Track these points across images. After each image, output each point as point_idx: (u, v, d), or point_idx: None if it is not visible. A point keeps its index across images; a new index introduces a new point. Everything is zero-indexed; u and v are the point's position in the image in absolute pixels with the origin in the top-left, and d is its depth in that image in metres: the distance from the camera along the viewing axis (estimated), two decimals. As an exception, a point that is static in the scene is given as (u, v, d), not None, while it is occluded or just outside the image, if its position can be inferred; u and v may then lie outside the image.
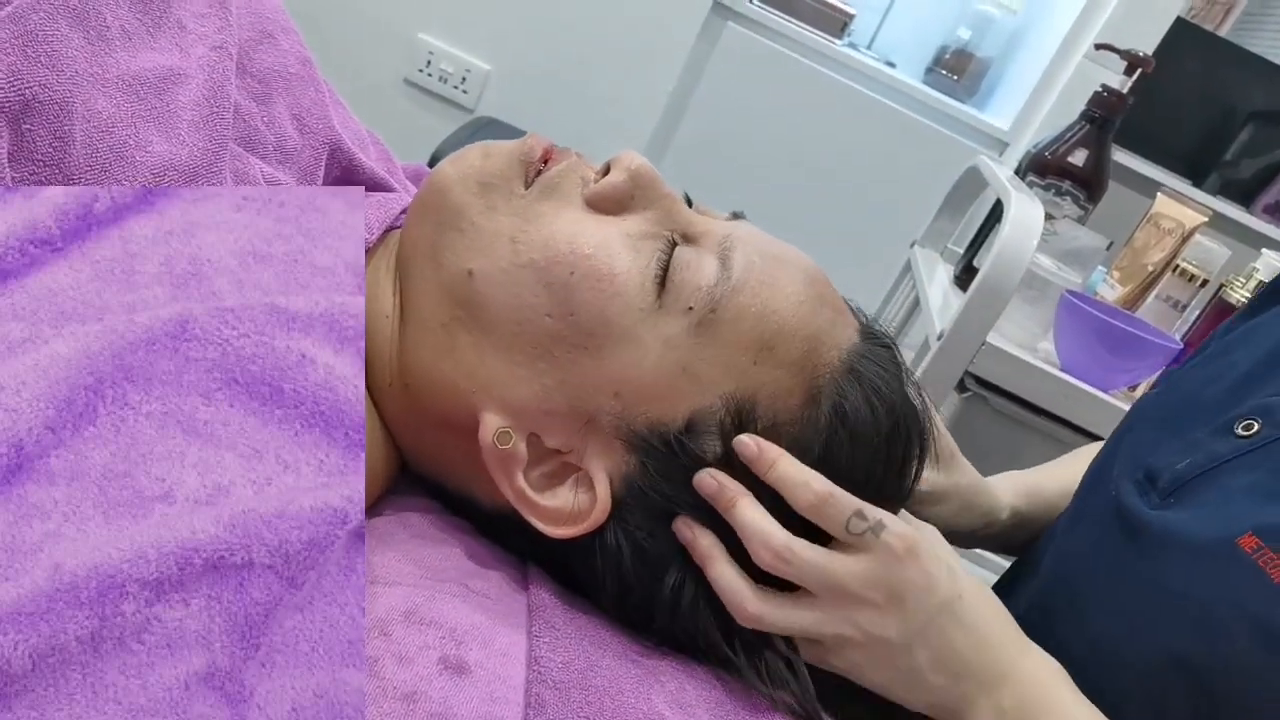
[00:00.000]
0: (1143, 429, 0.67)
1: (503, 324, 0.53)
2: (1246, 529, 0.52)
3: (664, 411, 0.53)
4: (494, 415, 0.53)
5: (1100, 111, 1.44)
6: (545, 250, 0.53)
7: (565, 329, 0.52)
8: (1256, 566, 0.51)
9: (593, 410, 0.53)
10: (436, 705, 0.45)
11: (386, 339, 0.57)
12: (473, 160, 0.57)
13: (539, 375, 0.53)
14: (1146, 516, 0.58)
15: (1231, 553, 0.52)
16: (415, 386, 0.56)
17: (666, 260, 0.54)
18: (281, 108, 0.64)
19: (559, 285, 0.52)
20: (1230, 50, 2.31)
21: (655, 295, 0.53)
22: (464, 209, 0.55)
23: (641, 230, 0.55)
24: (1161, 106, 2.19)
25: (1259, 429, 0.57)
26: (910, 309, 1.76)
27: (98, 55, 0.50)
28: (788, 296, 0.55)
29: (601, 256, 0.53)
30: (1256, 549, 0.51)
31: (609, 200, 0.56)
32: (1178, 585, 0.54)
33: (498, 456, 0.53)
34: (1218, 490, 0.56)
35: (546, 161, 0.57)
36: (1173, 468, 0.59)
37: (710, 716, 0.51)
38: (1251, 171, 2.29)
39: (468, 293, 0.54)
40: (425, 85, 2.38)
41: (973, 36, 2.61)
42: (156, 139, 0.52)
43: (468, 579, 0.54)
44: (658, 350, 0.53)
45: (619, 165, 0.57)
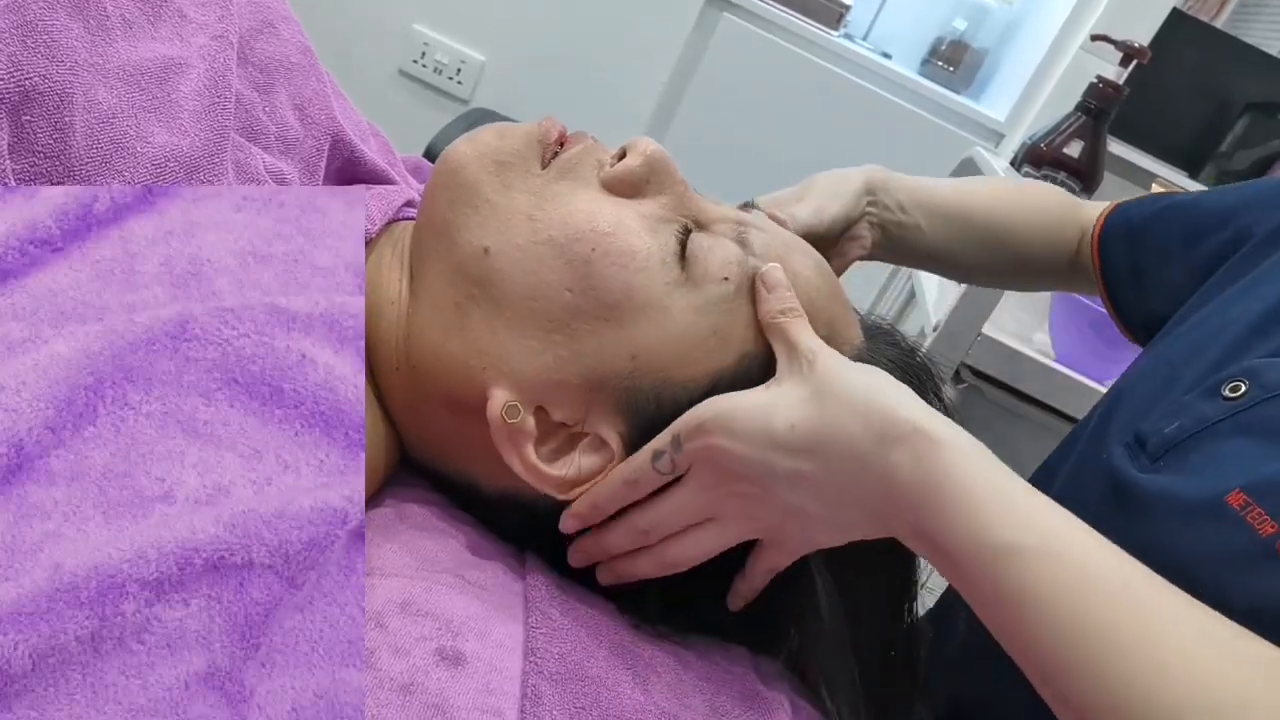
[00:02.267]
0: (1134, 392, 0.67)
1: (518, 300, 0.54)
2: (1234, 487, 0.52)
3: (680, 373, 0.54)
4: (502, 390, 0.54)
5: (1096, 103, 1.44)
6: (565, 228, 0.54)
7: (585, 302, 0.53)
8: (1244, 522, 0.51)
9: (603, 375, 0.54)
10: (433, 696, 0.45)
11: (393, 323, 0.57)
12: (489, 139, 0.57)
13: (553, 347, 0.54)
14: (1136, 480, 0.58)
15: (1220, 510, 0.52)
16: (423, 367, 0.56)
17: (683, 241, 0.55)
18: (283, 97, 0.63)
19: (580, 261, 0.53)
20: (1226, 42, 2.30)
21: (679, 269, 0.54)
22: (479, 186, 0.56)
23: (657, 214, 0.56)
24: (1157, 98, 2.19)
25: (1246, 390, 0.57)
26: (906, 300, 1.76)
27: (98, 45, 0.50)
28: (807, 280, 0.58)
29: (621, 234, 0.54)
30: (1244, 505, 0.52)
31: (625, 183, 0.57)
32: (1167, 545, 0.54)
33: (506, 431, 0.54)
34: (1206, 453, 0.57)
35: (562, 144, 0.58)
36: (1160, 431, 0.59)
37: (706, 707, 0.52)
38: (1247, 163, 2.29)
39: (483, 270, 0.54)
40: (420, 76, 2.37)
41: (968, 28, 2.61)
42: (158, 129, 0.52)
43: (464, 570, 0.54)
44: (689, 317, 0.54)
45: (635, 150, 0.58)
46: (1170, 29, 2.18)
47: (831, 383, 0.50)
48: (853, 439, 0.48)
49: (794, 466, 0.50)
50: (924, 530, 0.47)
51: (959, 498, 0.45)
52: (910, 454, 0.47)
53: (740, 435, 0.51)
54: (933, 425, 0.47)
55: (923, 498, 0.46)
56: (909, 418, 0.48)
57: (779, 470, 0.50)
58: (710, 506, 0.54)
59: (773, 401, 0.51)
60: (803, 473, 0.50)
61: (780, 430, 0.50)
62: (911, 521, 0.47)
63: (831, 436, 0.49)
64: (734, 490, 0.53)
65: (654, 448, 0.53)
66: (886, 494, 0.48)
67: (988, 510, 0.45)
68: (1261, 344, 0.60)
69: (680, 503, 0.54)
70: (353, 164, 0.69)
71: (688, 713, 0.51)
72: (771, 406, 0.51)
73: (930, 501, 0.46)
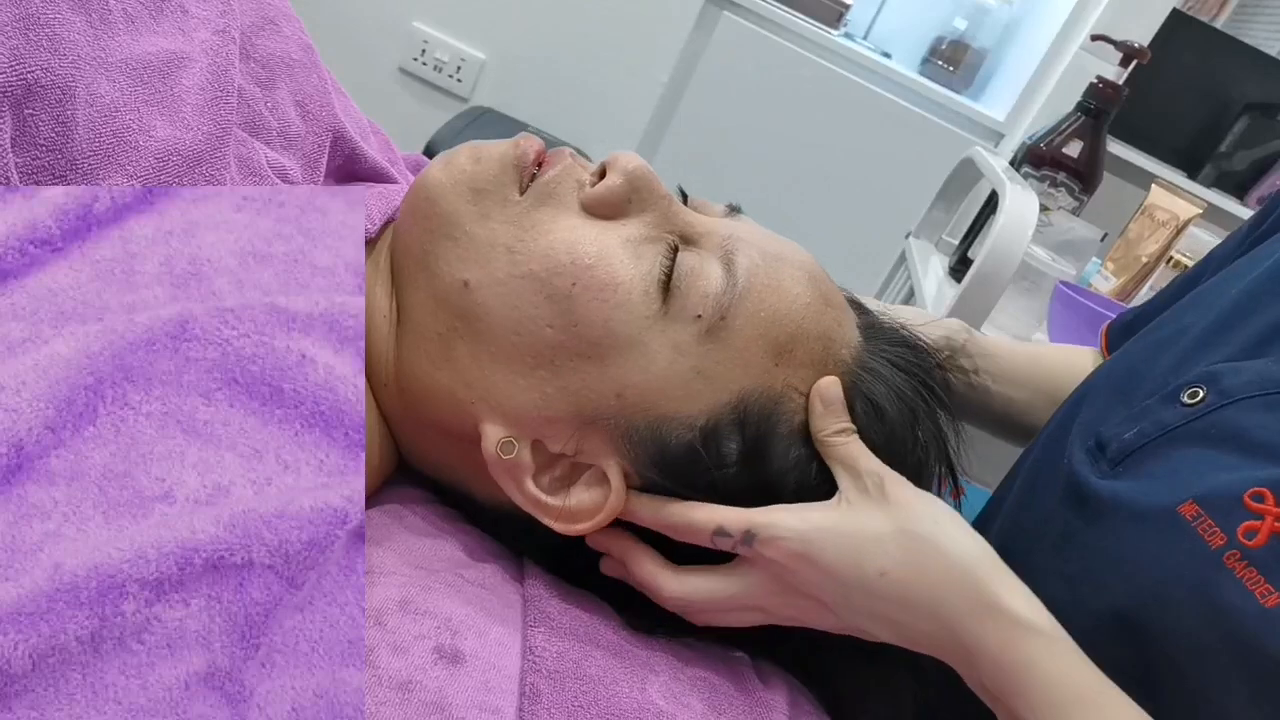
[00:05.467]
0: (1096, 397, 0.67)
1: (501, 334, 0.53)
2: (1188, 497, 0.53)
3: (674, 410, 0.53)
4: (494, 426, 0.53)
5: (1095, 103, 1.44)
6: (545, 261, 0.53)
7: (568, 339, 0.52)
8: (1195, 533, 0.52)
9: (594, 413, 0.53)
10: (431, 694, 0.45)
11: (383, 338, 0.56)
12: (463, 165, 0.56)
13: (539, 383, 0.53)
14: (1095, 486, 0.58)
15: (1173, 521, 0.53)
16: (412, 392, 0.55)
17: (669, 265, 0.54)
18: (285, 93, 0.63)
19: (561, 297, 0.52)
20: (1226, 42, 2.30)
21: (660, 301, 0.53)
22: (457, 217, 0.55)
23: (641, 235, 0.55)
24: (1157, 98, 2.20)
25: (1204, 396, 0.57)
26: (905, 300, 1.76)
27: (100, 39, 0.50)
28: (795, 298, 0.56)
29: (603, 267, 0.52)
30: (1196, 516, 0.52)
31: (606, 204, 0.55)
32: (1122, 552, 0.55)
33: (503, 466, 0.53)
34: (1164, 459, 0.57)
35: (540, 165, 0.56)
36: (1120, 437, 0.59)
37: (704, 706, 0.52)
38: (1246, 163, 2.29)
39: (465, 304, 0.53)
40: (420, 74, 2.37)
41: (969, 27, 2.61)
42: (160, 123, 0.51)
43: (463, 570, 0.54)
44: (667, 355, 0.53)
45: (615, 167, 0.56)
46: (1170, 29, 2.18)
47: (920, 529, 0.52)
48: (947, 605, 0.51)
49: (877, 609, 0.52)
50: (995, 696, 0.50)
51: (1038, 693, 0.49)
52: (999, 637, 0.50)
53: (826, 568, 0.52)
54: (1030, 616, 0.50)
55: (1002, 678, 0.50)
56: (1009, 604, 0.51)
57: (858, 605, 0.52)
58: (764, 603, 0.54)
59: (858, 532, 0.52)
60: (885, 615, 0.52)
61: (871, 575, 0.52)
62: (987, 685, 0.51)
63: (925, 598, 0.51)
64: (797, 602, 0.54)
65: (720, 523, 0.53)
66: (967, 658, 0.51)
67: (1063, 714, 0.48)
68: (1219, 347, 0.60)
69: (731, 591, 0.54)
70: (353, 161, 0.69)
71: (685, 712, 0.51)
72: (860, 544, 0.52)
73: (1009, 687, 0.49)
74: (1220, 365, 0.58)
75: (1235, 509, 0.51)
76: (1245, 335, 0.59)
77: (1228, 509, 0.51)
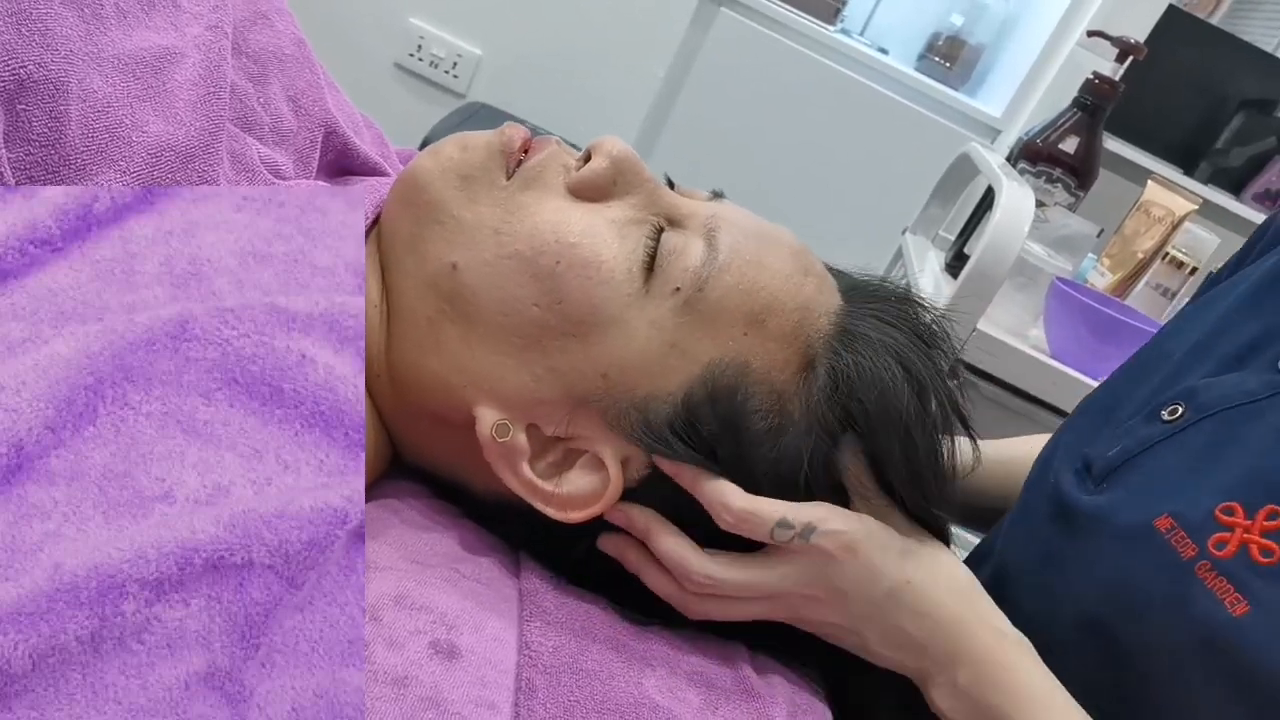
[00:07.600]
0: (1083, 420, 0.69)
1: (489, 316, 0.53)
2: (1163, 511, 0.55)
3: (654, 388, 0.53)
4: (488, 409, 0.53)
5: (1092, 99, 1.44)
6: (530, 241, 0.53)
7: (553, 318, 0.52)
8: (1169, 545, 0.53)
9: (583, 394, 0.53)
10: (427, 689, 0.45)
11: (375, 328, 0.56)
12: (451, 153, 0.57)
13: (528, 365, 0.53)
14: (1080, 503, 0.60)
15: (1149, 534, 0.55)
16: (405, 382, 0.56)
17: (654, 246, 0.54)
18: (277, 89, 0.63)
19: (546, 275, 0.53)
20: (1222, 38, 2.31)
21: (643, 280, 0.54)
22: (445, 203, 0.55)
23: (626, 216, 0.55)
24: (1153, 94, 2.20)
25: (1183, 412, 0.59)
26: (902, 296, 1.76)
27: (93, 34, 0.49)
28: (775, 272, 0.56)
29: (587, 244, 0.53)
30: (1170, 529, 0.54)
31: (592, 187, 0.56)
32: (1100, 564, 0.57)
33: (499, 450, 0.53)
34: (1143, 474, 0.58)
35: (526, 151, 0.57)
36: (1104, 455, 0.61)
37: (701, 700, 0.52)
38: (1242, 160, 2.30)
39: (453, 286, 0.54)
40: (416, 70, 2.37)
41: (965, 23, 2.61)
42: (153, 119, 0.51)
43: (459, 565, 0.54)
44: (645, 332, 0.53)
45: (600, 151, 0.56)
46: (1166, 25, 2.19)
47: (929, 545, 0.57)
48: (952, 611, 0.55)
49: (888, 613, 0.55)
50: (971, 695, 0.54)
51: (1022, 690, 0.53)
52: (987, 641, 0.54)
53: (868, 563, 0.54)
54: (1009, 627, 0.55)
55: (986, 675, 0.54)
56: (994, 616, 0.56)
57: (875, 604, 0.55)
58: (794, 595, 0.55)
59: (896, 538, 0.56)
60: (890, 619, 0.55)
61: (899, 581, 0.55)
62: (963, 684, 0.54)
63: (934, 605, 0.55)
64: (818, 596, 0.55)
65: (784, 515, 0.53)
66: (951, 660, 0.54)
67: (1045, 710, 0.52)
68: (1198, 367, 0.62)
69: (768, 579, 0.55)
70: (345, 156, 0.69)
71: (683, 706, 0.51)
72: (904, 547, 0.56)
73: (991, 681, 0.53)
74: (1198, 382, 0.60)
75: (1206, 522, 0.53)
76: (1223, 353, 0.61)
77: (1200, 522, 0.53)
